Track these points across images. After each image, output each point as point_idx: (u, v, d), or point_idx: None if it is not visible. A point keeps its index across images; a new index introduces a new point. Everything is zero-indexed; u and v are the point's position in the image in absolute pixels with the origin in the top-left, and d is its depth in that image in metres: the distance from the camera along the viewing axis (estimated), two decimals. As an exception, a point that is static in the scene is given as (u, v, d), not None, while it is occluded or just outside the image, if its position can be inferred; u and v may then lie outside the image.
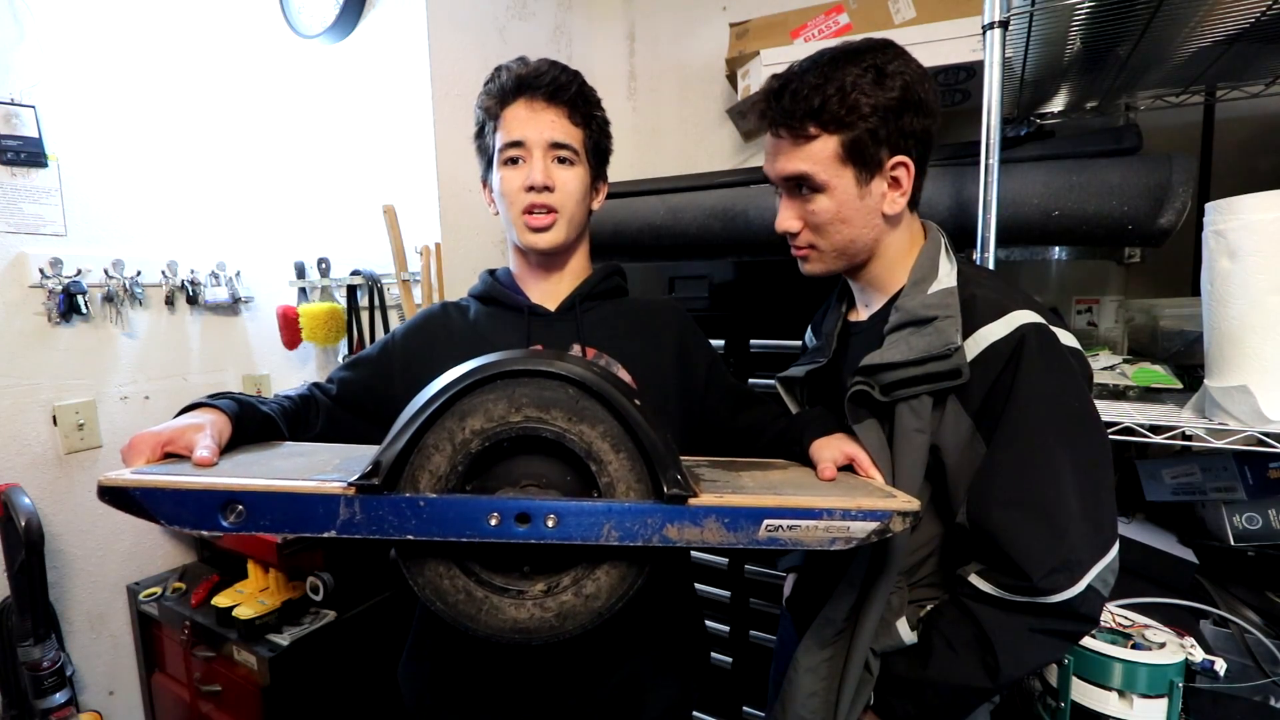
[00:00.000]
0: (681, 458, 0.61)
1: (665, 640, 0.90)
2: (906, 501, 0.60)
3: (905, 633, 0.77)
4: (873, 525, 0.58)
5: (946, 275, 0.77)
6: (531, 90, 0.84)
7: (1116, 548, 0.69)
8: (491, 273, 0.97)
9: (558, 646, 0.62)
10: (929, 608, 0.78)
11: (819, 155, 0.74)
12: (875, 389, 0.74)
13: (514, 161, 0.85)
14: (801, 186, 0.77)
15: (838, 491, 0.63)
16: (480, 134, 0.90)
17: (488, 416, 0.57)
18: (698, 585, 1.45)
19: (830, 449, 0.75)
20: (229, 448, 0.67)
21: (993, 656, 0.69)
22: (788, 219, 0.80)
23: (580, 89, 0.87)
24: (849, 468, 0.74)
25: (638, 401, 0.59)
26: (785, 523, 0.57)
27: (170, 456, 0.63)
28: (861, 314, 0.88)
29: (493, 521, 0.56)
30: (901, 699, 0.77)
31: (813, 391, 0.95)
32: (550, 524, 0.56)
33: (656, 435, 0.58)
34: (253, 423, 0.72)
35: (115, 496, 0.55)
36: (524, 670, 0.82)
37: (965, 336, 0.72)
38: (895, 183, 0.76)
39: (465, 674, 0.85)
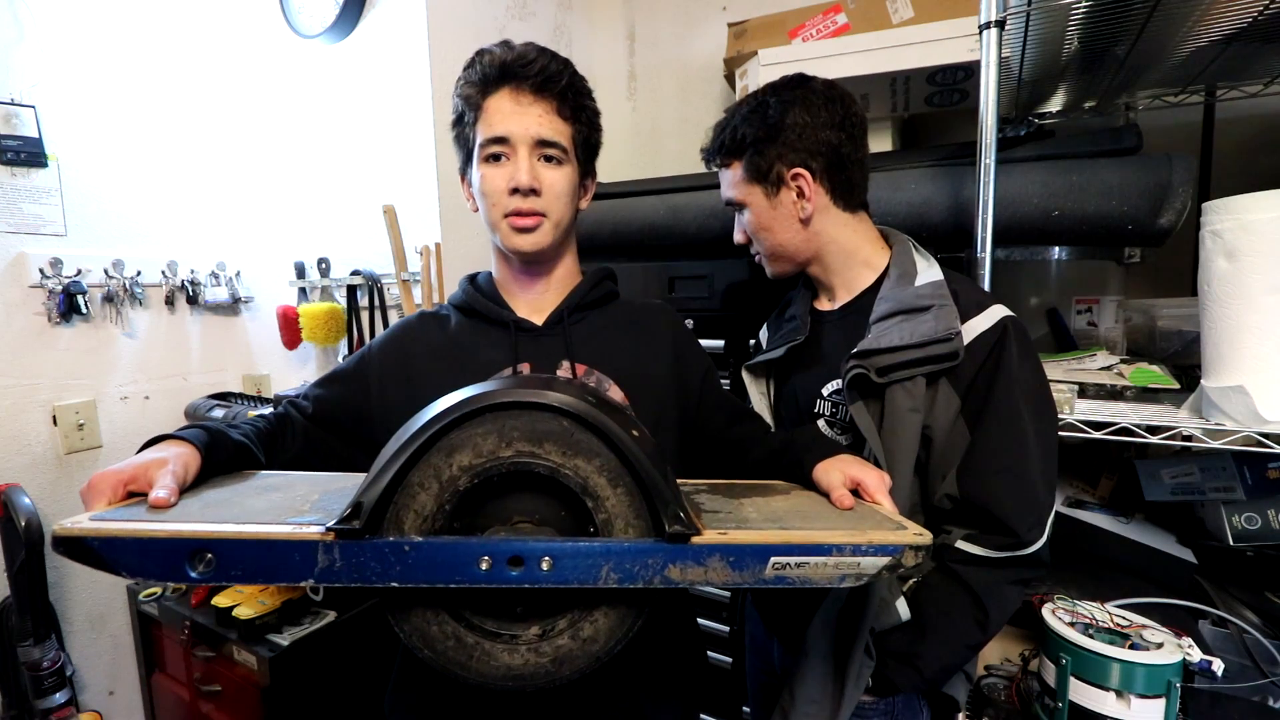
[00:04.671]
0: (679, 481, 0.58)
1: (666, 667, 0.86)
2: (918, 534, 0.56)
3: (903, 610, 0.83)
4: (884, 560, 0.54)
5: (930, 270, 0.87)
6: (517, 80, 0.77)
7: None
8: (472, 280, 0.90)
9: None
10: (912, 582, 0.84)
11: (732, 179, 0.93)
12: (871, 372, 0.80)
13: (496, 158, 0.78)
14: (736, 206, 0.95)
15: (846, 524, 0.59)
16: (459, 123, 0.82)
17: (476, 452, 0.54)
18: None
19: (836, 473, 0.69)
20: (200, 480, 0.63)
21: (983, 612, 0.79)
22: (736, 233, 0.99)
23: (571, 80, 0.80)
24: (853, 491, 0.70)
25: (636, 432, 0.56)
26: (793, 560, 0.53)
27: (135, 496, 0.58)
28: (826, 305, 0.98)
29: (484, 565, 0.52)
30: (906, 669, 0.82)
31: (780, 374, 1.04)
32: (545, 567, 0.52)
33: (656, 468, 0.54)
34: (223, 451, 0.68)
35: (71, 548, 0.49)
36: (516, 702, 0.76)
37: None
38: (800, 192, 0.88)
39: (455, 705, 0.79)
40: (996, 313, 0.81)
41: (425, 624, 0.56)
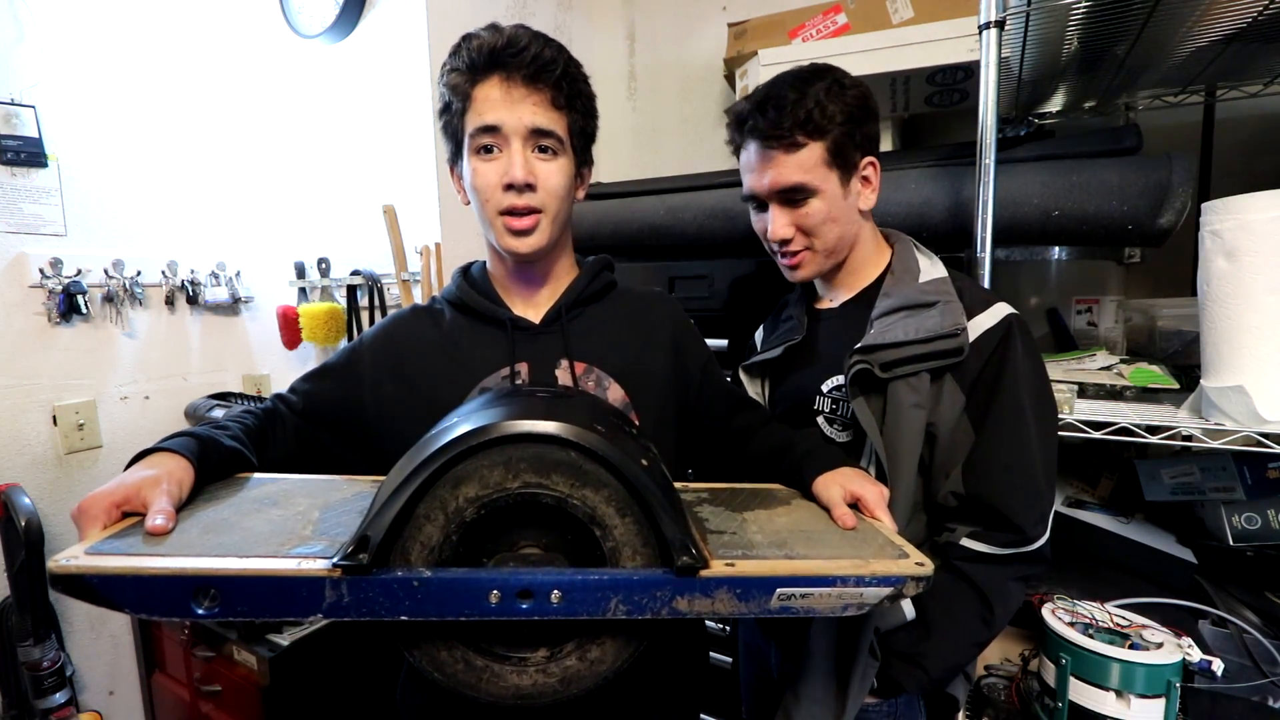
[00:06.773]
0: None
1: (668, 669, 0.85)
2: (919, 563, 0.57)
3: (908, 609, 0.83)
4: (886, 590, 0.55)
5: (933, 267, 0.87)
6: (508, 69, 0.72)
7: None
8: (465, 273, 0.87)
9: None
10: None
11: (809, 162, 0.82)
12: (875, 367, 0.80)
13: (488, 150, 0.74)
14: (794, 195, 0.84)
15: (849, 546, 0.60)
16: (445, 111, 0.77)
17: (483, 483, 0.53)
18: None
19: (836, 488, 0.69)
20: (195, 493, 0.62)
21: (989, 610, 0.79)
22: (782, 227, 0.86)
23: (566, 67, 0.75)
24: (853, 505, 0.70)
25: (645, 461, 0.55)
26: (798, 591, 0.54)
27: (130, 516, 0.56)
28: (826, 303, 0.98)
29: (493, 599, 0.52)
30: (912, 669, 0.82)
31: (776, 374, 1.03)
32: (555, 599, 0.52)
33: (665, 498, 0.54)
34: (216, 457, 0.67)
35: (70, 586, 0.47)
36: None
37: None
38: (866, 181, 0.87)
39: (465, 701, 0.80)
40: (1001, 310, 0.82)
41: (434, 649, 0.56)
